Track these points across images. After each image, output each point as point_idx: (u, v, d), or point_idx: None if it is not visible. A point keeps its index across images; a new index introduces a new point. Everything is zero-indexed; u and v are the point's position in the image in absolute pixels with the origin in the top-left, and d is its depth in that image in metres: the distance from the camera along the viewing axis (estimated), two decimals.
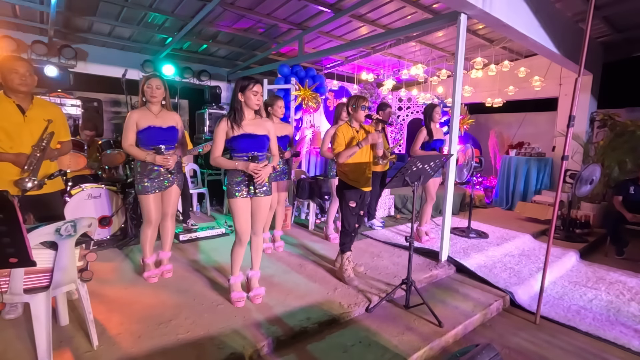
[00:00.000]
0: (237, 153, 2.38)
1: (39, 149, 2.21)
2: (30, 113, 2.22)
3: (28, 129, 2.20)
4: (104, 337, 2.02)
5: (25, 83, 2.16)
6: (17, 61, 2.15)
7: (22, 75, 2.14)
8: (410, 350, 2.09)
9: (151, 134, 2.61)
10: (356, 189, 2.88)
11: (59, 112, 2.42)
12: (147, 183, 2.64)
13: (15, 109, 2.16)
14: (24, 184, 2.14)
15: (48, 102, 2.43)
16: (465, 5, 3.04)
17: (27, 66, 2.17)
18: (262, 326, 2.20)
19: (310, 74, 5.85)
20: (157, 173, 2.67)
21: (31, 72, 2.20)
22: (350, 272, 2.93)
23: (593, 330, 2.53)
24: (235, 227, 2.42)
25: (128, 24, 4.81)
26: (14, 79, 2.12)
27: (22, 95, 2.20)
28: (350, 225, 2.95)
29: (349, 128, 2.87)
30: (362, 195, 2.94)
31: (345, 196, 2.90)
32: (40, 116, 2.25)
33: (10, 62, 2.13)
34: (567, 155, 2.51)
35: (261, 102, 2.41)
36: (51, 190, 2.37)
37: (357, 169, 2.86)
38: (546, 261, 2.64)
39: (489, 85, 7.07)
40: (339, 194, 2.96)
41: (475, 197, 6.18)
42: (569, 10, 4.74)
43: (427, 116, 3.95)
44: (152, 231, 2.79)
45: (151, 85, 2.60)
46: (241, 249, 2.49)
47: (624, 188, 4.34)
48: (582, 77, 2.54)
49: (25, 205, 2.24)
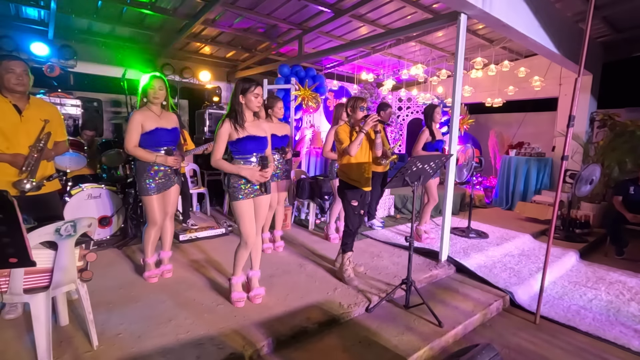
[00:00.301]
0: (240, 155, 2.36)
1: (37, 150, 2.20)
2: (27, 113, 2.20)
3: (25, 129, 2.18)
4: (104, 337, 2.01)
5: (21, 83, 2.14)
6: (14, 60, 2.14)
7: (18, 75, 2.12)
8: (410, 350, 2.09)
9: (158, 135, 2.62)
10: (357, 189, 2.90)
11: (55, 112, 2.41)
12: (152, 184, 2.64)
13: (11, 108, 2.15)
14: (23, 186, 2.13)
15: (44, 102, 2.42)
16: (465, 5, 3.04)
17: (23, 66, 2.16)
18: (262, 326, 2.20)
19: (310, 74, 5.85)
20: (163, 173, 2.68)
21: (27, 72, 2.19)
22: (350, 272, 2.93)
23: (593, 330, 2.53)
24: (241, 230, 2.40)
25: (128, 24, 4.82)
26: (10, 78, 2.11)
27: (19, 95, 2.18)
28: (354, 225, 2.96)
29: (348, 127, 2.90)
30: (362, 195, 2.95)
31: (347, 196, 2.91)
32: (37, 116, 2.24)
33: (6, 62, 2.12)
34: (567, 155, 2.51)
35: (261, 105, 2.40)
36: (49, 190, 2.36)
37: (358, 169, 2.88)
38: (546, 261, 2.64)
39: (489, 85, 7.07)
40: (341, 194, 2.97)
41: (475, 197, 6.18)
42: (569, 10, 4.74)
43: (428, 117, 3.95)
44: (155, 232, 2.79)
45: (154, 86, 2.60)
46: (246, 252, 2.48)
47: (624, 188, 4.34)
48: (582, 77, 2.54)
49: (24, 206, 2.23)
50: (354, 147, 2.74)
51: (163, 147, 2.67)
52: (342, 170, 2.93)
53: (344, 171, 2.91)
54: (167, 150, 2.66)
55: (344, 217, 3.04)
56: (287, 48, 5.98)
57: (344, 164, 2.90)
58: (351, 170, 2.88)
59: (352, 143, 2.75)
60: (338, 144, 2.88)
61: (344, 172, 2.91)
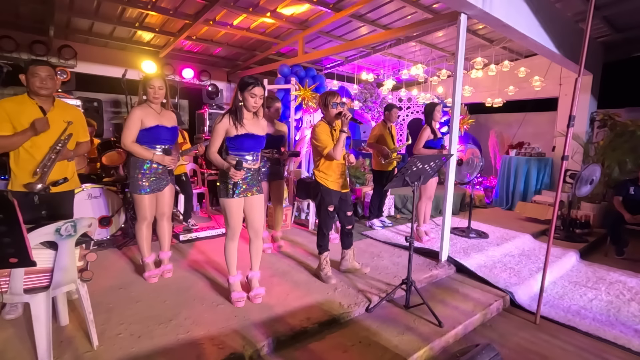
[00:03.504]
0: (236, 151, 2.36)
1: (54, 152, 2.28)
2: (51, 114, 2.30)
3: (49, 130, 2.26)
4: (104, 337, 2.02)
5: (45, 87, 2.25)
6: (39, 65, 2.24)
7: (42, 79, 2.23)
8: (411, 350, 2.09)
9: (158, 132, 2.62)
10: (335, 191, 2.85)
11: (78, 114, 2.54)
12: (145, 183, 2.63)
13: (37, 110, 2.25)
14: (33, 186, 2.20)
15: (68, 104, 2.52)
16: (465, 5, 3.04)
17: (48, 70, 2.26)
18: (262, 326, 2.20)
19: (310, 74, 5.84)
20: (155, 172, 2.67)
21: (52, 76, 2.29)
22: (328, 271, 2.93)
23: (593, 330, 2.53)
24: (229, 223, 2.43)
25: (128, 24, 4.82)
26: (34, 82, 2.22)
27: (44, 98, 2.29)
28: (328, 227, 2.96)
29: (327, 126, 2.80)
30: (342, 196, 2.92)
31: (325, 200, 2.85)
32: (61, 117, 2.34)
33: (33, 67, 2.22)
34: (567, 155, 2.51)
35: (259, 105, 2.36)
36: (69, 188, 2.47)
37: (336, 170, 2.83)
38: (546, 261, 2.64)
39: (489, 85, 7.07)
40: (317, 198, 2.89)
41: (475, 197, 6.18)
42: (569, 10, 4.73)
43: (428, 115, 3.96)
44: (146, 228, 2.78)
45: (154, 86, 2.60)
46: (234, 244, 2.50)
47: (624, 188, 4.34)
48: (582, 77, 2.54)
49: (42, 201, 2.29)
50: (339, 151, 2.69)
51: (161, 145, 2.67)
52: (320, 172, 2.82)
53: (323, 174, 2.81)
54: (165, 149, 2.66)
55: (320, 220, 2.96)
56: (287, 48, 5.98)
57: (323, 166, 2.80)
58: (331, 173, 2.82)
59: (336, 146, 2.68)
60: (318, 145, 2.73)
61: (323, 175, 2.82)
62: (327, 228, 2.95)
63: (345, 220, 3.02)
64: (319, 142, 2.73)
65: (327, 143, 2.72)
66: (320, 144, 2.73)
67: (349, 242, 3.09)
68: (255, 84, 2.28)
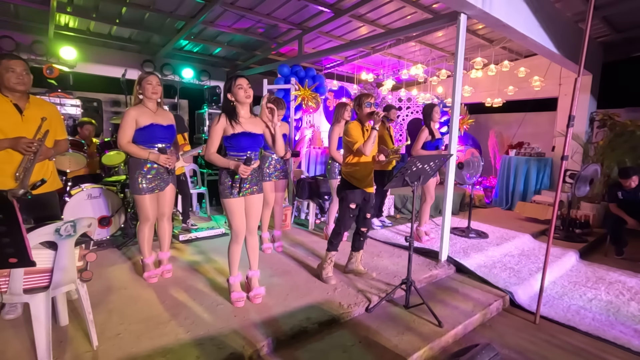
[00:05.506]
0: (234, 151, 2.36)
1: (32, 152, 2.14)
2: (28, 112, 2.18)
3: (26, 129, 2.16)
4: (103, 337, 2.01)
5: (22, 82, 2.13)
6: (14, 60, 2.13)
7: (19, 74, 2.11)
8: (410, 350, 2.09)
9: (153, 131, 2.60)
10: (360, 190, 2.82)
11: (54, 110, 2.39)
12: (144, 183, 2.62)
13: (12, 108, 2.13)
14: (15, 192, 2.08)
15: (44, 101, 2.40)
16: (465, 5, 3.04)
17: (23, 65, 2.15)
18: (262, 326, 2.20)
19: (310, 74, 5.85)
20: (156, 172, 2.66)
21: (28, 71, 2.17)
22: (329, 271, 2.92)
23: (593, 330, 2.53)
24: (232, 226, 2.42)
25: (128, 24, 4.82)
26: (10, 77, 2.09)
27: (19, 95, 2.17)
28: (346, 227, 2.89)
29: (359, 124, 2.81)
30: (365, 197, 2.87)
31: (347, 197, 2.82)
32: (37, 115, 2.21)
33: (6, 61, 2.10)
34: (566, 155, 2.51)
35: (251, 94, 2.35)
36: (50, 189, 2.33)
37: (364, 169, 2.80)
38: (546, 261, 2.64)
39: (488, 85, 7.07)
40: (340, 195, 2.88)
41: (475, 197, 6.18)
42: (568, 10, 4.74)
43: (427, 116, 3.96)
44: (148, 229, 2.78)
45: (152, 82, 2.60)
46: (238, 247, 2.49)
47: (612, 195, 4.34)
48: (582, 77, 2.54)
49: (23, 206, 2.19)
50: (369, 146, 2.66)
51: (158, 143, 2.64)
52: (347, 169, 2.83)
53: (349, 170, 2.81)
54: (161, 148, 2.63)
55: (338, 217, 2.94)
56: (287, 48, 5.98)
57: (351, 163, 2.79)
58: (357, 170, 2.79)
59: (366, 142, 2.66)
60: (349, 141, 2.75)
61: (349, 172, 2.81)
62: (344, 227, 2.88)
63: (362, 221, 2.97)
64: (350, 138, 2.75)
65: (358, 138, 2.74)
66: (352, 139, 2.74)
67: (359, 244, 3.05)
68: (236, 77, 2.32)
